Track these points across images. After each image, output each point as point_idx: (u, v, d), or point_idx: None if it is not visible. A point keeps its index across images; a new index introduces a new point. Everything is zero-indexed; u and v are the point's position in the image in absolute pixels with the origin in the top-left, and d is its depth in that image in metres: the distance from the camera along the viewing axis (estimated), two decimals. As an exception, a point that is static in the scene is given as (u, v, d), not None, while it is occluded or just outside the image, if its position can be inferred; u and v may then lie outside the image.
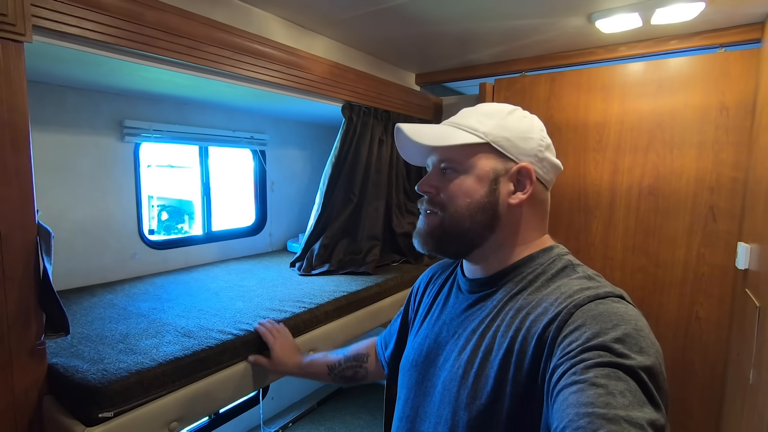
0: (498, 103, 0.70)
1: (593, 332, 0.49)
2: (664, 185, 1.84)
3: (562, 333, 0.52)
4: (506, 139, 0.65)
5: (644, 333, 0.50)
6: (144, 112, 1.78)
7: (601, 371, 0.45)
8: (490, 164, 0.65)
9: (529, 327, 0.57)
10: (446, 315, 0.72)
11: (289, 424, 2.61)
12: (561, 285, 0.60)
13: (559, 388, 0.47)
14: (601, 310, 0.52)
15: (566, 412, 0.44)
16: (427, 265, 2.08)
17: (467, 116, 0.68)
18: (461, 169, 0.66)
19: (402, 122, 0.70)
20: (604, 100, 1.94)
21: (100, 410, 0.88)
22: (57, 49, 1.02)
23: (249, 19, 1.51)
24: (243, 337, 1.17)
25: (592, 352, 0.48)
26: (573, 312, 0.54)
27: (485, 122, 0.66)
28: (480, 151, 0.66)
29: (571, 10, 1.55)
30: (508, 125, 0.66)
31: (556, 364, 0.50)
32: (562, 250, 0.68)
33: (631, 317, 0.51)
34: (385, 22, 1.68)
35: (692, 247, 1.80)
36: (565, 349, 0.50)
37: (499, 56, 2.13)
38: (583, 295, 0.55)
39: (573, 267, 0.64)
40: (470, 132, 0.66)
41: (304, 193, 2.64)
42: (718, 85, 1.70)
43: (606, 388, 0.44)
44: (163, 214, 5.42)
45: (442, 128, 0.69)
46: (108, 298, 1.47)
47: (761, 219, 1.35)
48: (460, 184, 0.66)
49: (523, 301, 0.61)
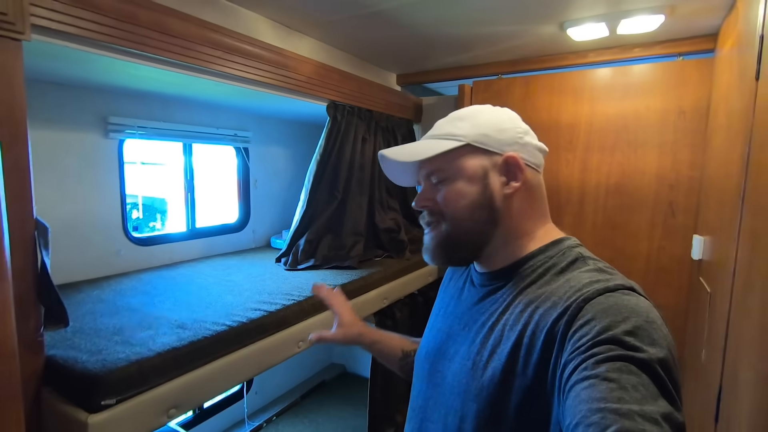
0: (468, 107, 0.72)
1: (604, 326, 0.49)
2: (628, 183, 1.98)
3: (572, 327, 0.52)
4: (484, 135, 0.66)
5: (656, 325, 0.49)
6: (128, 109, 1.78)
7: (613, 365, 0.45)
8: (476, 162, 0.66)
9: (538, 321, 0.56)
10: (459, 308, 0.74)
11: (273, 417, 2.64)
12: (571, 278, 0.59)
13: (571, 383, 0.47)
14: (611, 302, 0.51)
15: (578, 408, 0.43)
16: (408, 259, 2.16)
17: (442, 126, 0.70)
18: (450, 175, 0.67)
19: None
20: (575, 102, 2.07)
21: (103, 398, 0.91)
22: (51, 47, 1.03)
23: (237, 20, 1.55)
24: (237, 328, 1.21)
25: (603, 346, 0.47)
26: (583, 306, 0.53)
27: (460, 126, 0.68)
28: (463, 153, 0.67)
29: (545, 19, 1.65)
30: (481, 122, 0.68)
31: (567, 360, 0.50)
32: (573, 242, 0.67)
33: (643, 309, 0.51)
34: (369, 25, 1.74)
35: (654, 240, 1.94)
36: (576, 343, 0.50)
37: (477, 59, 2.23)
38: (592, 288, 0.54)
39: (584, 259, 0.63)
40: (449, 138, 0.67)
41: (287, 191, 2.67)
42: (677, 90, 1.85)
43: (618, 383, 0.43)
44: (134, 213, 5.29)
45: (422, 143, 0.70)
46: (95, 294, 1.48)
47: (713, 213, 1.49)
48: (453, 189, 0.67)
49: (533, 295, 0.61)
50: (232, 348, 1.19)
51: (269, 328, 1.31)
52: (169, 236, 2.09)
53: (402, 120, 2.41)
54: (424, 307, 2.30)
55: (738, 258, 1.08)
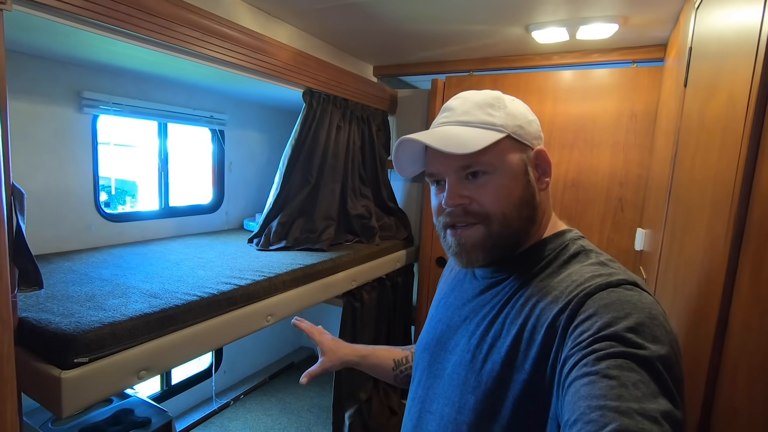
0: (480, 92, 0.67)
1: (605, 322, 0.48)
2: (584, 179, 2.13)
3: (574, 323, 0.51)
4: (520, 126, 0.63)
5: (658, 321, 0.48)
6: (103, 85, 1.79)
7: (613, 362, 0.44)
8: (517, 156, 0.63)
9: (539, 315, 0.56)
10: (459, 300, 0.72)
11: (241, 396, 2.70)
12: (572, 272, 0.58)
13: (571, 379, 0.46)
14: (613, 298, 0.51)
15: (578, 404, 0.43)
16: (378, 245, 2.25)
17: (470, 111, 0.64)
18: (493, 169, 0.62)
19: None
20: (539, 102, 2.20)
21: (76, 356, 0.96)
22: (30, 19, 1.06)
23: (218, 3, 1.58)
24: (208, 298, 1.27)
25: (603, 343, 0.46)
26: (584, 301, 0.52)
27: (494, 114, 0.63)
28: (503, 145, 0.62)
29: (511, 20, 1.76)
30: (514, 112, 0.64)
31: (567, 355, 0.49)
32: (575, 234, 0.66)
33: (645, 305, 0.50)
34: (347, 16, 1.80)
35: (604, 233, 2.10)
36: (577, 339, 0.49)
37: (450, 55, 2.33)
38: (594, 283, 0.53)
39: (586, 252, 0.61)
40: (490, 128, 0.62)
41: (261, 175, 2.71)
42: (630, 95, 2.00)
43: (618, 380, 0.42)
44: (101, 195, 5.17)
45: (465, 131, 0.62)
46: (66, 265, 1.51)
47: (652, 209, 1.64)
48: (499, 186, 0.62)
49: (534, 289, 0.60)
50: (202, 317, 1.25)
51: (239, 301, 1.38)
52: (142, 214, 2.11)
53: (377, 111, 2.49)
54: (391, 291, 2.41)
55: (663, 246, 1.22)
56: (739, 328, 0.60)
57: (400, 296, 2.50)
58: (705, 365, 0.67)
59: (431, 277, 2.53)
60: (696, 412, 0.69)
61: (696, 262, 0.81)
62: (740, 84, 0.65)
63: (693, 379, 0.71)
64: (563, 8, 1.60)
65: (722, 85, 0.78)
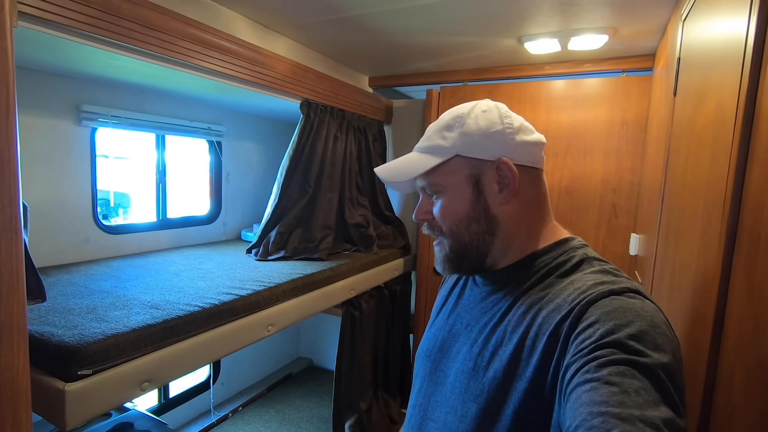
0: (458, 107, 0.69)
1: (607, 329, 0.48)
2: (578, 186, 2.16)
3: (576, 330, 0.51)
4: (472, 144, 0.64)
5: (661, 329, 0.49)
6: (102, 98, 1.81)
7: (615, 369, 0.44)
8: (464, 173, 0.65)
9: (541, 324, 0.56)
10: (461, 307, 0.73)
11: (239, 408, 2.68)
12: (575, 280, 0.58)
13: (572, 386, 0.47)
14: (615, 305, 0.51)
15: (579, 411, 0.43)
16: (376, 254, 2.26)
17: (431, 136, 0.69)
18: (442, 188, 0.67)
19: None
20: (533, 111, 2.24)
21: (80, 368, 0.96)
22: (33, 34, 1.08)
23: (217, 17, 1.61)
24: (209, 309, 1.28)
25: (605, 350, 0.47)
26: (587, 308, 0.52)
27: (448, 136, 0.66)
28: (452, 164, 0.65)
29: (504, 32, 1.80)
30: (468, 130, 0.65)
31: (569, 362, 0.49)
32: (578, 242, 0.66)
33: (648, 313, 0.50)
34: (343, 29, 1.84)
35: (599, 239, 2.13)
36: (579, 346, 0.49)
37: (444, 66, 2.37)
38: (597, 290, 0.54)
39: (589, 261, 0.62)
40: (437, 152, 0.66)
41: (259, 185, 2.72)
42: (621, 103, 2.05)
43: (620, 387, 0.43)
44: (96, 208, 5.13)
45: (412, 158, 0.69)
46: (65, 278, 1.50)
47: (645, 214, 1.68)
48: (446, 204, 0.67)
49: (536, 297, 0.60)
50: (204, 328, 1.26)
51: (240, 311, 1.38)
52: (140, 226, 2.11)
53: (373, 121, 2.52)
54: (390, 299, 2.42)
55: (657, 251, 1.24)
56: (734, 330, 0.61)
57: (398, 304, 2.51)
58: (703, 367, 0.69)
59: (429, 285, 2.55)
60: (695, 413, 0.70)
61: (690, 265, 0.84)
62: (728, 93, 0.68)
63: (692, 381, 0.72)
64: (554, 20, 1.65)
65: (711, 93, 0.81)
